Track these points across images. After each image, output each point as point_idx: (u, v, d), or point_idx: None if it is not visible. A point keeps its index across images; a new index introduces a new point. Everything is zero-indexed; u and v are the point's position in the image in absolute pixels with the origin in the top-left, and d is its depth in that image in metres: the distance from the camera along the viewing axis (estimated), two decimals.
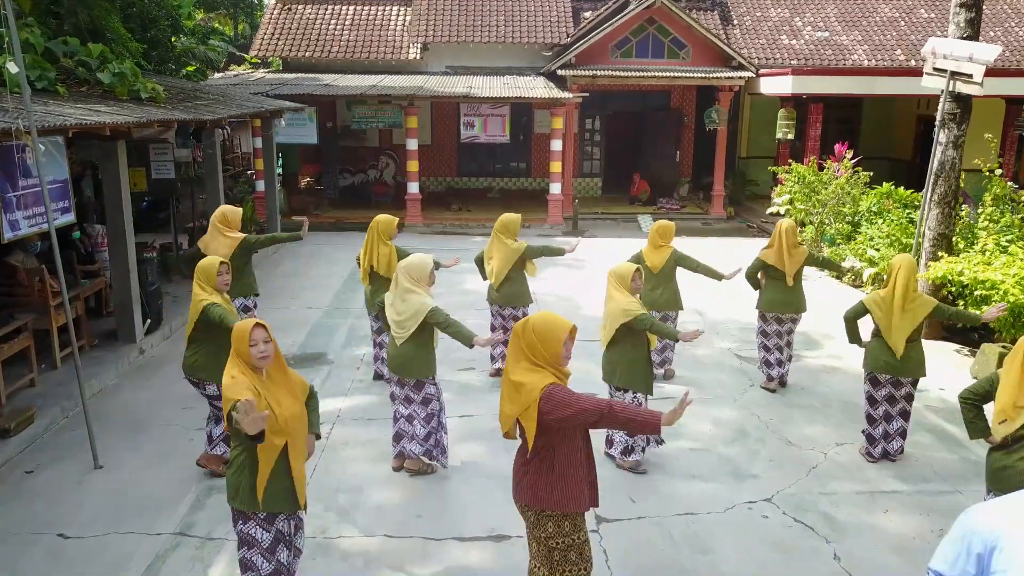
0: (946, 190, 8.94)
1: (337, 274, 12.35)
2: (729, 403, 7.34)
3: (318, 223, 16.87)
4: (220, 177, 11.25)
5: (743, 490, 5.72)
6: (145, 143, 10.90)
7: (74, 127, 6.00)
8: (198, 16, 24.57)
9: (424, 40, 18.95)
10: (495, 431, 6.56)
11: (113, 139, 7.68)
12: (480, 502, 5.49)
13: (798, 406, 7.27)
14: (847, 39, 19.04)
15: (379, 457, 6.12)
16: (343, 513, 5.33)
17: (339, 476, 5.82)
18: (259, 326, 3.73)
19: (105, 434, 6.32)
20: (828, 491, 5.72)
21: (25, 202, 6.54)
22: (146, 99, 9.15)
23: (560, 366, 3.63)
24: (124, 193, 8.10)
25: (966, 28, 8.62)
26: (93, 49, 8.91)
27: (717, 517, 5.35)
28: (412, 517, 5.29)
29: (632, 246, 15.31)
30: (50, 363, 7.61)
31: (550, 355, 3.58)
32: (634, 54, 17.73)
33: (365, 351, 8.62)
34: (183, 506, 5.38)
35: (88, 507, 5.37)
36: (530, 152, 20.40)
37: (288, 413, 3.71)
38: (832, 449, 6.40)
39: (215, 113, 9.72)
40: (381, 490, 5.65)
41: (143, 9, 13.63)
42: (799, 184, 13.36)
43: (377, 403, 7.19)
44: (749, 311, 10.15)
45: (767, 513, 5.42)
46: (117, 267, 8.24)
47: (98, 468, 5.89)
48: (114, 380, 7.74)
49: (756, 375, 8.07)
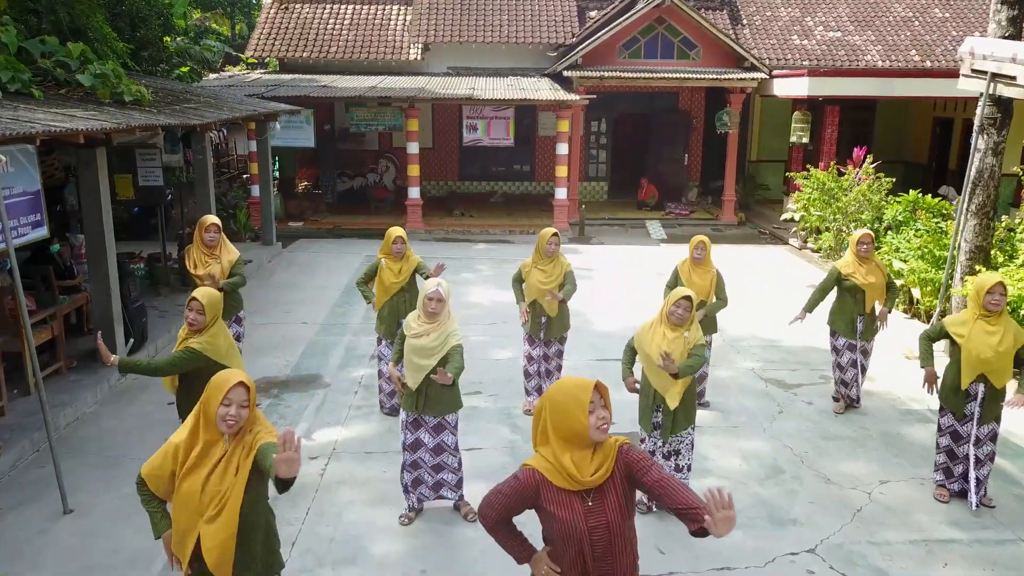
0: (984, 199, 8.37)
1: (334, 284, 11.78)
2: (758, 433, 6.76)
3: (316, 229, 16.33)
4: (211, 183, 10.68)
5: (783, 539, 5.15)
6: (131, 148, 10.33)
7: (41, 134, 5.42)
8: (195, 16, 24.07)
9: (425, 40, 18.40)
10: (505, 467, 6.02)
11: (90, 146, 7.11)
12: (491, 554, 4.89)
13: (834, 437, 6.69)
14: (860, 39, 18.48)
15: (379, 499, 5.55)
16: (339, 567, 4.76)
17: (334, 522, 5.25)
18: (243, 384, 3.09)
19: (77, 471, 5.76)
20: (877, 540, 5.15)
21: None
22: (130, 102, 8.58)
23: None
24: (104, 204, 7.52)
25: (1008, 27, 8.05)
26: (73, 49, 8.34)
27: (757, 573, 4.78)
28: (416, 573, 4.71)
29: (640, 253, 14.92)
30: (23, 389, 7.03)
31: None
32: (642, 55, 17.18)
33: (363, 373, 8.05)
34: (159, 561, 4.80)
35: (54, 559, 4.80)
36: (534, 155, 19.83)
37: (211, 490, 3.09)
38: (876, 488, 5.83)
39: (204, 117, 9.15)
40: (381, 540, 5.07)
41: (132, 7, 13.08)
42: (818, 191, 12.79)
43: (376, 433, 6.63)
44: (769, 327, 9.64)
45: (812, 567, 4.85)
46: (97, 283, 7.67)
47: (67, 513, 5.31)
48: (91, 407, 7.16)
49: (784, 400, 7.50)
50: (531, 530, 3.10)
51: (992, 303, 5.22)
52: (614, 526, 2.75)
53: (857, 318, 6.87)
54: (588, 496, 2.76)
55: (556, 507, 2.76)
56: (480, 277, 12.30)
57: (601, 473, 2.73)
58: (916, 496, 5.72)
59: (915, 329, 9.51)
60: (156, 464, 3.18)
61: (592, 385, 2.76)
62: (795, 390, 7.77)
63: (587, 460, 2.73)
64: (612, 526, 2.75)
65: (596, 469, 2.73)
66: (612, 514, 2.75)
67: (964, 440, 5.46)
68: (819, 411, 7.24)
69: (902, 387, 7.81)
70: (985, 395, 5.33)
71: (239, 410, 3.06)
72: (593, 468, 2.72)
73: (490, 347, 8.81)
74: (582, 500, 2.75)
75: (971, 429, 5.39)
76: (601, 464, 2.74)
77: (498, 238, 15.89)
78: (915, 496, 5.72)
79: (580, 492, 2.76)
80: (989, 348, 5.19)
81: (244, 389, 3.09)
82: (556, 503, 2.76)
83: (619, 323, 9.86)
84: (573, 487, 2.74)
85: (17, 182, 6.17)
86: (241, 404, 3.06)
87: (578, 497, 2.75)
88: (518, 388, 7.46)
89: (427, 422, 5.09)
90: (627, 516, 2.80)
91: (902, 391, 7.72)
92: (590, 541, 2.75)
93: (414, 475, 5.24)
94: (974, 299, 5.35)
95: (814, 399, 7.50)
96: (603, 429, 2.73)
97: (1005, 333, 5.22)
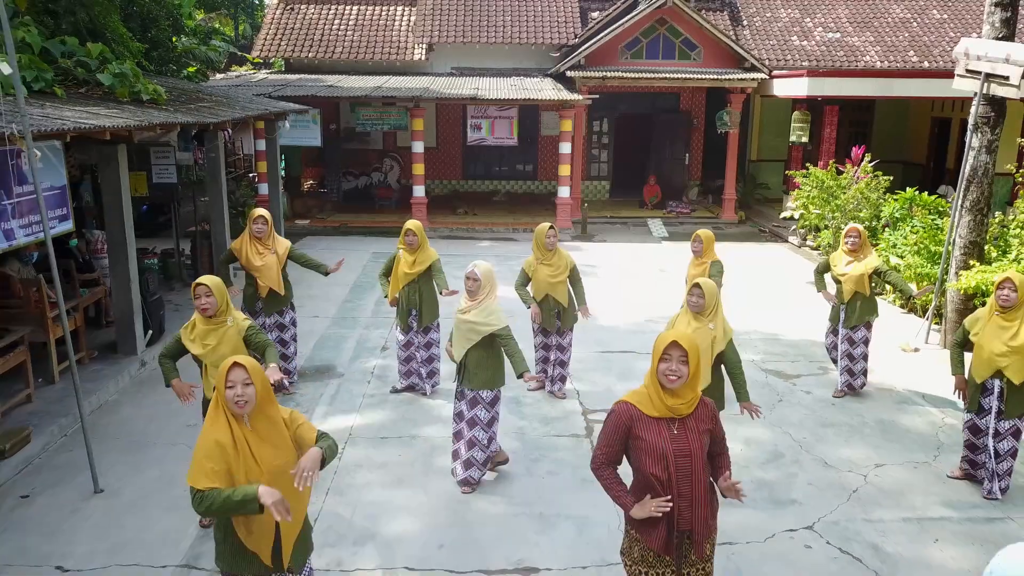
0: (978, 196, 8.61)
1: (343, 281, 11.97)
2: (759, 421, 6.96)
3: (322, 227, 16.57)
4: (223, 181, 10.91)
5: (783, 517, 5.39)
6: (146, 146, 10.56)
7: (72, 131, 5.66)
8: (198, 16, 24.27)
9: (429, 40, 18.63)
10: (515, 452, 6.26)
11: (113, 143, 7.34)
12: (505, 531, 5.16)
13: (832, 424, 6.93)
14: (859, 40, 18.72)
15: (395, 481, 5.79)
16: (359, 543, 4.99)
17: (353, 503, 5.49)
18: (237, 365, 3.17)
19: (104, 455, 5.98)
20: (872, 518, 5.38)
21: (20, 210, 6.20)
22: (147, 101, 8.82)
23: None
24: (125, 199, 7.76)
25: (1001, 28, 8.29)
26: (92, 49, 8.57)
27: (758, 548, 5.01)
28: (433, 548, 4.95)
29: (642, 251, 15.15)
30: (47, 378, 7.27)
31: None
32: (644, 55, 17.42)
33: (375, 363, 8.29)
34: (188, 536, 5.04)
35: (87, 537, 5.03)
36: (536, 155, 20.06)
37: (269, 468, 3.20)
38: (872, 471, 6.06)
39: (218, 115, 9.39)
40: (399, 518, 5.31)
41: (143, 9, 13.31)
42: (817, 189, 13.03)
43: (391, 420, 6.86)
44: (771, 320, 9.89)
45: (810, 543, 5.09)
46: (118, 276, 7.90)
47: (97, 493, 5.55)
48: (113, 395, 7.40)
49: (784, 390, 7.74)
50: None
51: (1003, 298, 5.27)
52: (694, 452, 3.31)
53: (840, 307, 7.18)
54: (673, 425, 3.32)
55: (646, 431, 3.32)
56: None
57: (683, 407, 3.30)
58: (910, 479, 5.95)
59: (911, 323, 9.77)
60: (208, 468, 3.11)
61: (669, 340, 3.27)
62: (794, 380, 8.01)
63: (672, 396, 3.30)
64: (692, 452, 3.31)
65: (680, 404, 3.30)
66: (692, 443, 3.31)
67: (983, 433, 5.58)
68: (818, 400, 7.48)
69: (898, 378, 8.04)
70: (1004, 390, 5.38)
71: (243, 388, 3.13)
72: (677, 402, 3.29)
73: None
74: (668, 427, 3.32)
75: (989, 422, 5.49)
76: (685, 403, 3.30)
77: (502, 236, 16.13)
78: (909, 479, 5.95)
79: (667, 421, 3.32)
80: (1002, 343, 5.25)
81: (240, 368, 3.15)
82: (646, 428, 3.32)
83: (622, 318, 10.11)
84: (662, 414, 3.31)
85: (45, 177, 6.41)
86: (244, 383, 3.14)
87: (665, 424, 3.32)
88: None
89: (466, 395, 5.47)
90: (703, 450, 3.36)
91: (898, 382, 7.96)
92: (674, 461, 3.29)
93: (454, 447, 5.69)
94: (993, 296, 5.48)
95: (813, 389, 7.74)
96: (669, 378, 3.27)
97: (1020, 328, 5.25)
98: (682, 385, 3.27)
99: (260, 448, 3.21)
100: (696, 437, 3.33)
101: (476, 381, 5.46)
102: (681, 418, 3.33)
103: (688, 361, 3.23)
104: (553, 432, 6.70)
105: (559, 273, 7.05)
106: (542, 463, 6.14)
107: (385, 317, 9.88)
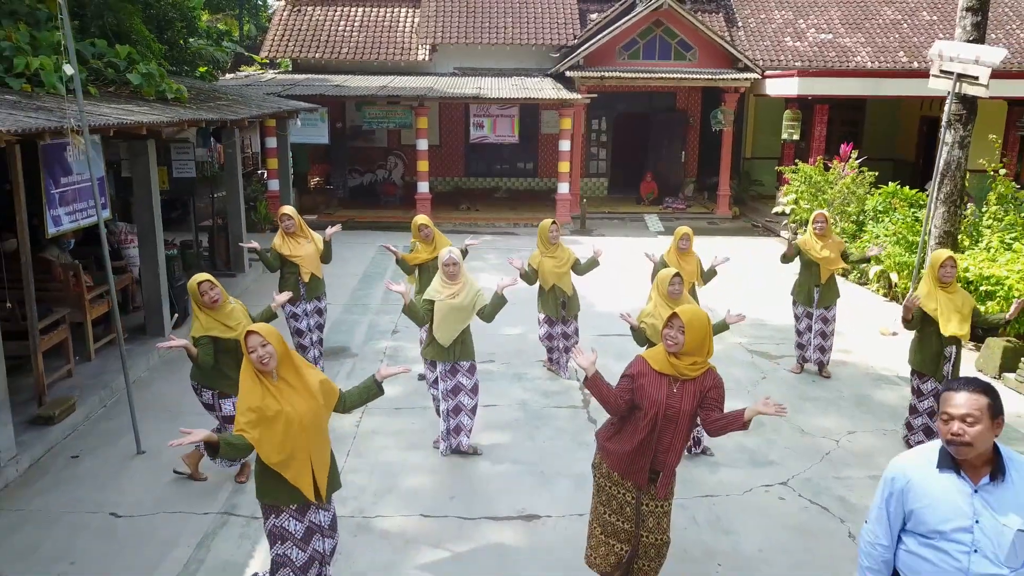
0: (952, 189, 9.19)
1: (352, 272, 12.57)
2: (743, 395, 7.57)
3: (330, 221, 17.11)
4: (240, 176, 11.48)
5: (761, 475, 5.97)
6: (166, 142, 11.12)
7: (115, 126, 6.23)
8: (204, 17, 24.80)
9: (433, 41, 19.19)
10: (518, 420, 6.85)
11: (143, 138, 7.91)
12: (509, 485, 5.73)
13: (811, 399, 7.51)
14: (850, 41, 19.28)
15: (409, 445, 6.36)
16: (379, 495, 5.57)
17: (372, 463, 6.06)
18: (251, 332, 3.64)
19: (142, 423, 6.51)
20: (841, 476, 5.96)
21: (66, 199, 6.77)
22: (171, 99, 9.39)
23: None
24: (154, 191, 8.34)
25: (972, 31, 8.86)
26: (121, 51, 9.13)
27: (737, 499, 5.59)
28: (446, 499, 5.53)
29: (639, 244, 15.69)
30: (84, 355, 7.83)
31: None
32: (641, 56, 17.99)
33: (387, 344, 8.86)
34: (224, 490, 5.61)
35: (134, 489, 5.60)
36: (537, 152, 20.63)
37: (302, 411, 3.70)
38: (844, 437, 6.64)
39: (237, 113, 9.96)
40: (413, 475, 5.89)
41: (160, 12, 13.87)
42: (805, 184, 13.60)
43: (404, 394, 7.43)
44: (758, 307, 10.46)
45: (784, 496, 5.67)
46: (147, 263, 8.47)
47: (140, 454, 6.12)
48: (145, 372, 7.97)
49: (768, 368, 8.32)
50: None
51: (945, 275, 6.00)
52: (682, 411, 3.84)
53: (814, 288, 7.78)
54: (675, 384, 3.85)
55: (649, 383, 3.86)
56: (488, 264, 13.14)
57: (687, 370, 3.81)
58: (879, 444, 6.53)
59: (894, 311, 10.33)
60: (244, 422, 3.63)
61: (671, 313, 3.87)
62: (778, 360, 8.59)
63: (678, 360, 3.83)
64: (680, 411, 3.84)
65: (683, 366, 3.81)
66: (684, 404, 3.84)
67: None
68: (798, 377, 8.06)
69: (875, 358, 8.62)
70: (955, 355, 6.06)
71: (263, 350, 3.61)
72: (681, 364, 3.81)
73: (501, 325, 9.51)
74: (670, 385, 3.85)
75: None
76: (687, 366, 3.81)
77: (503, 230, 16.70)
78: (878, 444, 6.53)
79: (670, 379, 3.85)
80: (956, 311, 5.95)
81: (254, 335, 3.63)
82: (650, 381, 3.87)
83: (618, 305, 10.61)
84: (666, 371, 3.84)
85: (87, 169, 6.97)
86: (261, 345, 3.62)
87: (667, 381, 3.85)
88: (527, 358, 8.32)
89: (459, 368, 5.95)
90: (692, 411, 3.86)
91: (875, 361, 8.53)
92: (663, 414, 3.83)
93: (455, 420, 6.08)
94: (930, 273, 6.11)
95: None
96: (667, 344, 3.84)
97: (964, 299, 6.02)
98: (682, 351, 3.78)
99: (292, 397, 3.73)
100: (690, 399, 3.82)
101: (468, 353, 5.97)
102: (683, 380, 3.83)
103: (685, 332, 3.77)
104: (553, 404, 7.28)
105: (563, 264, 7.62)
106: (543, 430, 6.72)
107: (394, 304, 10.45)
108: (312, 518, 3.90)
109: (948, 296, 6.03)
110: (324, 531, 3.95)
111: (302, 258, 7.43)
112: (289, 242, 7.45)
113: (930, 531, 2.63)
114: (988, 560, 2.53)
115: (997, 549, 2.52)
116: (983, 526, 2.55)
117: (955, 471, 2.63)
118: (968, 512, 2.57)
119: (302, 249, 7.44)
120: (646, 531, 4.03)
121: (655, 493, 4.00)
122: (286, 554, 3.85)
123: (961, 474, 2.62)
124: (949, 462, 2.64)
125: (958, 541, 2.58)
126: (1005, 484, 2.56)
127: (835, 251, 7.69)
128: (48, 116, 5.80)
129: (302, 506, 3.85)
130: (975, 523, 2.56)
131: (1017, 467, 2.59)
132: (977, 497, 2.58)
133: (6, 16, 8.23)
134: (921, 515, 2.66)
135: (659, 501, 4.03)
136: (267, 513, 3.87)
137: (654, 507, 4.03)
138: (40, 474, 5.81)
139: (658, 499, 4.02)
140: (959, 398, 2.58)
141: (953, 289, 6.05)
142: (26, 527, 5.11)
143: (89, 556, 4.81)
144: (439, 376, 6.00)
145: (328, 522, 3.98)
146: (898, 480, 2.76)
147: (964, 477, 2.61)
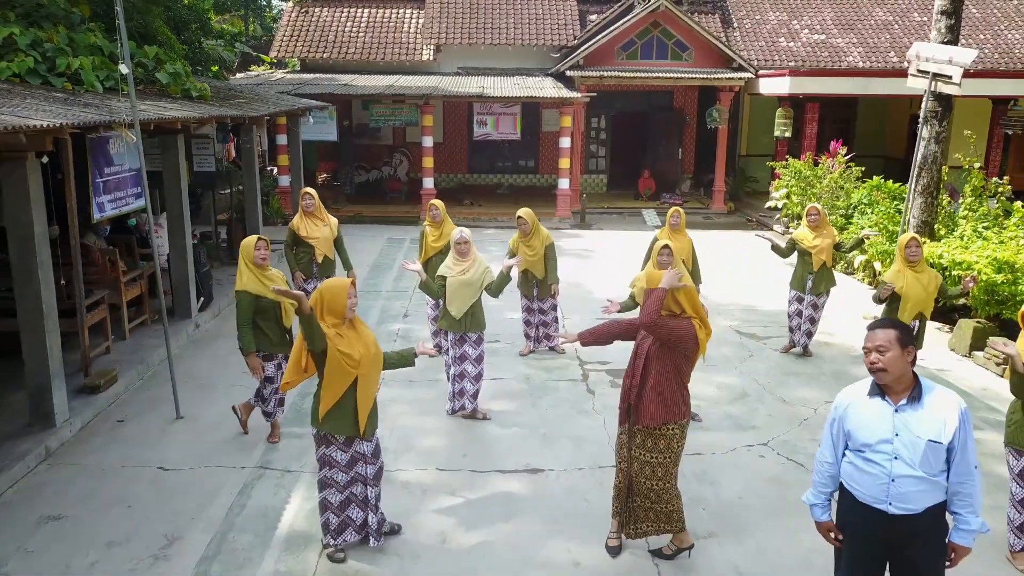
0: (929, 181, 9.79)
1: (361, 263, 13.12)
2: (731, 371, 8.18)
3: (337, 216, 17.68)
4: (256, 171, 12.07)
5: (744, 437, 6.57)
6: (188, 137, 11.72)
7: (162, 120, 6.83)
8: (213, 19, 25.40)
9: (437, 42, 19.80)
10: (523, 391, 7.46)
11: (174, 133, 8.51)
12: (516, 444, 6.34)
13: (794, 373, 8.12)
14: (843, 42, 19.89)
15: (423, 412, 6.97)
16: (398, 453, 6.17)
17: (391, 427, 6.64)
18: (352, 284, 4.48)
19: (179, 392, 7.14)
20: (817, 438, 6.49)
21: (108, 188, 7.38)
22: (196, 97, 10.00)
23: None
24: (182, 182, 8.93)
25: (946, 34, 9.47)
26: (149, 51, 9.73)
27: (721, 457, 6.20)
28: (459, 456, 6.13)
29: (637, 238, 16.30)
30: (119, 334, 8.43)
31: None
32: (639, 56, 18.60)
33: (399, 327, 9.47)
34: (259, 448, 6.22)
35: (178, 447, 6.21)
36: (538, 150, 21.25)
37: (362, 354, 4.39)
38: (822, 407, 7.24)
39: (257, 111, 10.56)
40: (429, 436, 6.49)
41: (177, 14, 14.48)
42: (795, 179, 14.21)
43: (417, 369, 7.93)
44: (749, 295, 11.07)
45: (764, 454, 6.27)
46: (175, 249, 9.07)
47: (179, 418, 6.73)
48: (175, 350, 8.48)
49: (755, 348, 8.92)
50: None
51: (911, 254, 6.67)
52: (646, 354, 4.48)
53: (807, 276, 8.34)
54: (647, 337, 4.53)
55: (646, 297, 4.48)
56: (491, 256, 13.65)
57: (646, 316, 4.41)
58: None
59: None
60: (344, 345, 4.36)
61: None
62: (765, 341, 9.19)
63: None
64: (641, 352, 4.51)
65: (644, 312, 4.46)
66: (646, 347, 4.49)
67: None
68: (784, 356, 8.66)
69: (856, 340, 9.21)
70: (918, 328, 6.81)
71: (355, 299, 4.45)
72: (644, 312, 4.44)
73: (504, 310, 10.21)
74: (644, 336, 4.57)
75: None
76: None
77: (506, 225, 17.26)
78: None
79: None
80: (923, 289, 6.69)
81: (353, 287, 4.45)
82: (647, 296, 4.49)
83: (615, 294, 11.24)
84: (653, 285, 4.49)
85: (127, 161, 7.59)
86: (354, 295, 4.45)
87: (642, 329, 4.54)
88: None
89: (467, 339, 6.54)
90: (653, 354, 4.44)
91: (856, 342, 9.12)
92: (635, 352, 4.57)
93: (459, 386, 6.70)
94: (899, 254, 6.79)
95: (780, 347, 8.92)
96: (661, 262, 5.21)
97: (931, 278, 6.75)
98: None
99: (355, 341, 4.42)
100: (652, 343, 4.43)
101: (477, 325, 6.60)
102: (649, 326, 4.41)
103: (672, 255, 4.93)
104: (554, 378, 7.89)
105: (535, 253, 8.29)
106: (545, 399, 7.32)
107: (404, 290, 11.08)
108: (357, 448, 4.56)
109: (915, 275, 6.66)
110: (368, 459, 4.61)
111: (318, 240, 8.07)
112: (307, 223, 8.07)
113: (861, 444, 3.26)
114: (906, 464, 3.16)
115: (913, 456, 3.14)
116: (902, 438, 3.17)
117: (881, 396, 3.25)
118: (889, 427, 3.20)
119: (318, 231, 8.08)
120: (635, 472, 4.62)
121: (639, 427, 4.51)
122: (332, 477, 4.53)
123: (885, 398, 3.24)
124: (877, 390, 3.27)
125: (882, 451, 3.20)
126: (920, 405, 3.19)
127: (827, 242, 8.27)
128: (97, 112, 6.40)
129: (348, 438, 4.51)
130: (895, 436, 3.18)
131: (931, 393, 3.22)
132: (897, 416, 3.21)
133: (45, 19, 8.82)
134: (855, 433, 3.29)
135: (643, 450, 4.53)
136: (318, 443, 4.53)
137: (639, 454, 4.57)
138: (91, 435, 6.41)
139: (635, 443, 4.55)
140: (874, 334, 3.20)
141: (921, 268, 6.69)
142: (82, 478, 5.71)
143: (143, 501, 5.41)
144: (450, 344, 6.62)
145: (371, 451, 4.62)
146: (839, 407, 3.41)
147: (887, 400, 3.24)
